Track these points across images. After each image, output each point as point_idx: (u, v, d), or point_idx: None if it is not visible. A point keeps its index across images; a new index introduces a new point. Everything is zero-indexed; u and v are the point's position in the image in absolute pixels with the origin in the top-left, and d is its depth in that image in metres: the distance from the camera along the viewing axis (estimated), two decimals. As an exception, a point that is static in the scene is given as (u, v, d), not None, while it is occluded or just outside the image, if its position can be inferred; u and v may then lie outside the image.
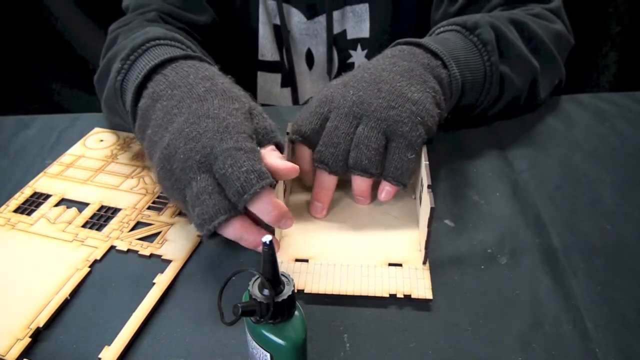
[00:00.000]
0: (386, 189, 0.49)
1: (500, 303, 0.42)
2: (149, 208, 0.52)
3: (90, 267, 0.46)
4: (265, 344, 0.33)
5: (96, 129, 0.64)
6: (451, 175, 0.56)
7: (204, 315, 0.41)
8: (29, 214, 0.51)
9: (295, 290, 0.32)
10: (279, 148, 0.47)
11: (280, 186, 0.45)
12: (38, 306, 0.42)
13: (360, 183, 0.50)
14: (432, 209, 0.41)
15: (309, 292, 0.43)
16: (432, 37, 0.58)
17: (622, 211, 0.51)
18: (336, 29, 0.74)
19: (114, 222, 0.50)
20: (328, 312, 0.42)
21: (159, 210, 0.52)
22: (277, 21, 0.74)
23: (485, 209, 0.51)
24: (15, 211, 0.52)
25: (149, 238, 0.49)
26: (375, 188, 0.51)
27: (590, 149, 0.60)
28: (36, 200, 0.53)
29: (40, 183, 0.56)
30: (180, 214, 0.51)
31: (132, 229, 0.50)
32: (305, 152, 0.51)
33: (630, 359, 0.38)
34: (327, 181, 0.50)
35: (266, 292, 0.31)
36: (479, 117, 0.62)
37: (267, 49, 0.77)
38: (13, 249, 0.48)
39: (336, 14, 0.73)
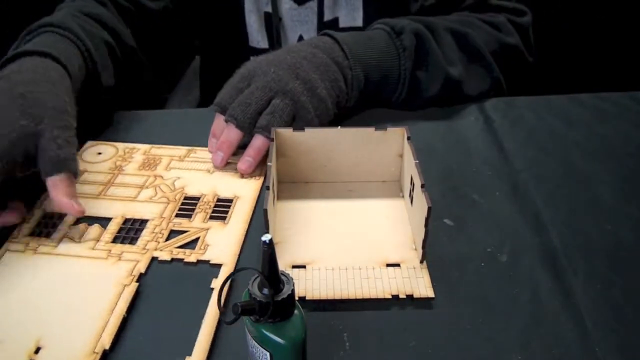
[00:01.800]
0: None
1: (500, 302, 0.42)
2: (177, 216, 0.50)
3: (137, 281, 0.43)
4: (265, 343, 0.33)
5: (90, 143, 0.60)
6: (451, 175, 0.56)
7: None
8: (47, 236, 0.48)
9: (296, 297, 0.31)
10: (75, 176, 0.48)
11: (270, 194, 0.44)
12: (97, 328, 0.40)
13: (261, 143, 0.55)
14: (429, 209, 0.41)
15: (311, 298, 0.42)
16: (357, 34, 0.64)
17: (622, 211, 0.51)
18: (327, 16, 0.74)
19: (145, 234, 0.48)
20: (326, 314, 0.42)
21: (188, 217, 0.50)
22: (268, 9, 0.75)
23: (485, 208, 0.51)
24: (31, 235, 0.48)
25: (190, 245, 0.47)
26: None
27: (590, 149, 0.60)
28: (50, 221, 0.49)
29: (48, 203, 0.51)
30: (211, 218, 0.50)
31: (167, 238, 0.48)
32: (220, 120, 0.57)
33: (629, 359, 0.38)
34: (233, 134, 0.55)
35: (266, 291, 0.31)
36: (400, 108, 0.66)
37: (254, 36, 0.77)
38: (46, 274, 0.44)
39: (328, 1, 0.73)
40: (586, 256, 0.46)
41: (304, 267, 0.45)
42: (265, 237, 0.30)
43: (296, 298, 0.33)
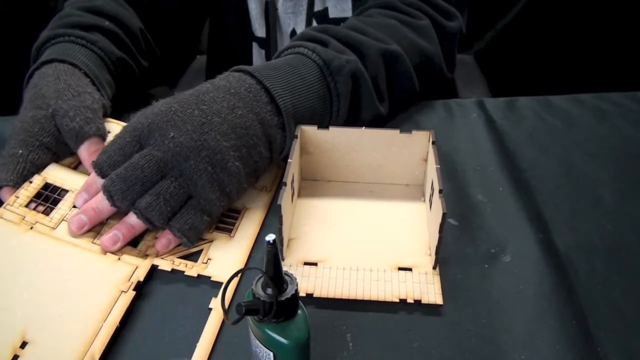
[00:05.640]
0: (167, 237, 0.46)
1: (503, 301, 0.42)
2: None
3: (134, 289, 0.42)
4: (269, 342, 0.33)
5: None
6: (454, 175, 0.56)
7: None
8: (46, 213, 0.46)
9: (304, 294, 0.31)
10: (102, 137, 0.52)
11: (288, 190, 0.44)
12: (88, 335, 0.38)
13: (134, 224, 0.45)
14: (444, 215, 0.41)
15: (318, 296, 0.42)
16: (287, 71, 0.52)
17: (622, 211, 0.51)
18: (317, 7, 0.75)
19: (148, 238, 0.47)
20: (331, 312, 0.42)
21: None
22: None
23: (488, 208, 0.51)
24: (28, 206, 0.46)
25: (192, 257, 0.46)
26: None
27: (590, 149, 0.60)
28: (51, 195, 0.48)
29: (50, 172, 0.50)
30: (217, 229, 0.48)
31: None
32: (97, 178, 0.47)
33: (630, 358, 0.39)
34: (105, 207, 0.46)
35: (269, 291, 0.31)
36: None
37: (256, 25, 0.79)
38: (39, 257, 0.43)
39: None
40: (587, 256, 0.46)
41: (315, 264, 0.45)
42: (269, 237, 0.31)
43: (303, 294, 0.33)
